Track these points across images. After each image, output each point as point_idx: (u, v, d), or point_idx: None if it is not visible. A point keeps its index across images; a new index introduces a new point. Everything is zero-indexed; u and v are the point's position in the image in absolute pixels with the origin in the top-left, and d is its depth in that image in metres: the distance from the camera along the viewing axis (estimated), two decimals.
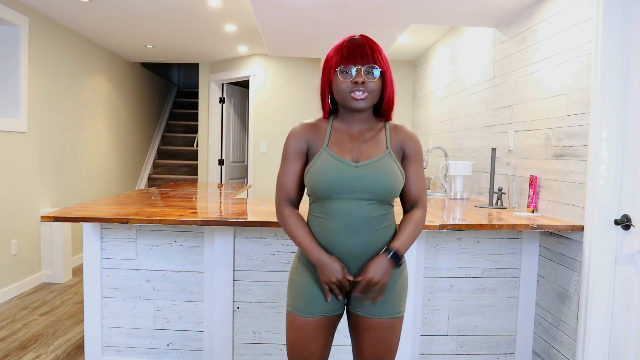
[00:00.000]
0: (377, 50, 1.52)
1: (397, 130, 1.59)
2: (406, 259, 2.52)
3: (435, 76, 4.73)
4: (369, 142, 1.55)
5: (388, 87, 1.54)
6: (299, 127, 1.60)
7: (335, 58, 1.52)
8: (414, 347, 2.60)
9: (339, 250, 1.52)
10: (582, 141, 2.31)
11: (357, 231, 1.50)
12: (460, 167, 3.46)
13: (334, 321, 1.60)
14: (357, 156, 1.53)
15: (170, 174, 7.57)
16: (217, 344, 2.55)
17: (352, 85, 1.48)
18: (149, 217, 2.24)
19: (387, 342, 1.55)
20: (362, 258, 1.52)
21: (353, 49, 1.50)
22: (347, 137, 1.56)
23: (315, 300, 1.55)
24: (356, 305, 1.57)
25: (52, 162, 4.51)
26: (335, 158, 1.52)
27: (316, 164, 1.52)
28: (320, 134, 1.57)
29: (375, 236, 1.52)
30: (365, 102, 1.50)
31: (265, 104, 5.85)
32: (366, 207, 1.50)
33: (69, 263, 4.44)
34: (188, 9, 4.06)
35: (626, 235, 2.13)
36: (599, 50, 2.17)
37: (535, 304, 2.66)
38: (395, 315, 1.56)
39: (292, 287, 1.60)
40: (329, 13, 3.27)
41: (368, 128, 1.58)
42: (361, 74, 1.48)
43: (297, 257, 1.63)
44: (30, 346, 2.96)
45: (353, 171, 1.50)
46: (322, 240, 1.54)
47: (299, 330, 1.56)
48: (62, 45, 4.64)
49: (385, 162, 1.52)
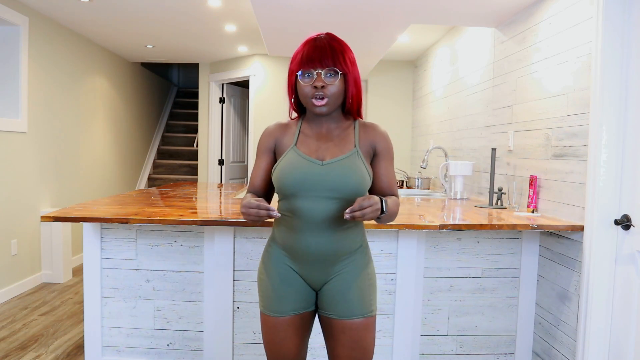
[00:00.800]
0: (339, 51, 1.50)
1: (366, 129, 1.60)
2: (405, 258, 2.53)
3: (435, 76, 4.72)
4: (337, 140, 1.56)
5: (350, 87, 1.53)
6: (271, 126, 1.66)
7: (296, 61, 1.53)
8: (414, 347, 2.60)
9: (304, 250, 1.53)
10: (582, 141, 2.31)
11: (322, 230, 1.50)
12: (460, 167, 3.46)
13: (307, 318, 1.61)
14: (323, 155, 1.54)
15: (170, 174, 7.57)
16: (217, 344, 2.55)
17: (312, 89, 1.49)
18: (149, 217, 2.24)
19: (363, 344, 1.54)
20: (327, 257, 1.53)
21: (312, 52, 1.49)
22: (315, 136, 1.57)
23: (284, 299, 1.56)
24: (326, 307, 1.56)
25: (52, 162, 4.51)
26: (302, 156, 1.53)
27: (282, 162, 1.54)
28: (289, 134, 1.60)
29: (341, 235, 1.53)
30: (326, 107, 1.51)
31: (265, 104, 5.85)
32: (332, 206, 1.50)
33: (69, 263, 4.44)
34: (188, 9, 4.06)
35: (626, 235, 2.13)
36: (599, 50, 2.17)
37: (535, 304, 2.66)
38: (367, 315, 1.55)
39: (261, 288, 1.62)
40: (329, 13, 3.27)
41: (336, 127, 1.59)
42: (321, 78, 1.48)
43: (263, 257, 1.64)
44: (30, 346, 2.96)
45: (318, 169, 1.50)
46: (288, 238, 1.55)
47: (273, 329, 1.57)
48: (62, 45, 4.64)
49: (352, 161, 1.52)
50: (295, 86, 1.56)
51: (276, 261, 1.58)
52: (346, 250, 1.55)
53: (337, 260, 1.54)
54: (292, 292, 1.56)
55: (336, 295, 1.54)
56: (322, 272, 1.55)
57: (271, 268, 1.59)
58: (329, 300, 1.55)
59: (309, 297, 1.59)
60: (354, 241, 1.57)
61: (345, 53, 1.52)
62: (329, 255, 1.53)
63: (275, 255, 1.59)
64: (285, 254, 1.57)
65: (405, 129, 5.71)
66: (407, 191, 4.17)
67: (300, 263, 1.55)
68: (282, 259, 1.58)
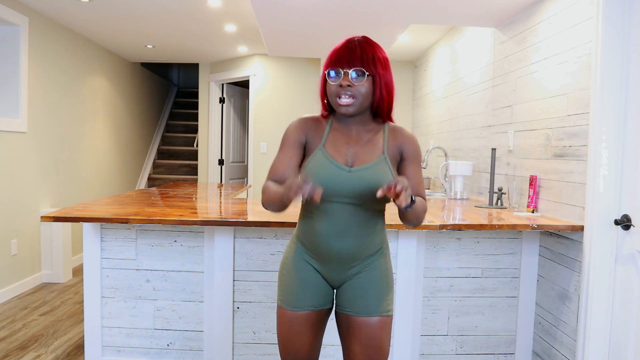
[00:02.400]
0: (370, 52, 1.50)
1: (395, 133, 1.59)
2: (405, 258, 2.53)
3: (435, 76, 4.72)
4: (366, 145, 1.55)
5: (378, 90, 1.51)
6: (300, 119, 1.61)
7: (327, 61, 1.53)
8: (414, 347, 2.60)
9: (326, 251, 1.54)
10: (582, 141, 2.31)
11: (344, 234, 1.51)
12: (460, 167, 3.46)
13: (323, 315, 1.62)
14: (351, 160, 1.53)
15: (170, 174, 7.57)
16: (217, 344, 2.55)
17: (339, 88, 1.48)
18: (149, 217, 2.24)
19: (379, 342, 1.55)
20: (349, 259, 1.54)
21: (343, 52, 1.49)
22: (344, 138, 1.56)
23: (304, 295, 1.58)
24: (345, 304, 1.58)
25: (52, 162, 4.51)
26: (330, 160, 1.52)
27: (310, 164, 1.53)
28: (319, 131, 1.58)
29: (363, 241, 1.54)
30: (352, 107, 1.49)
31: (265, 104, 5.85)
32: (356, 212, 1.50)
33: (69, 263, 4.44)
34: (188, 9, 4.06)
35: (626, 235, 2.13)
36: (599, 50, 2.17)
37: (535, 304, 2.66)
38: (384, 314, 1.56)
39: (282, 282, 1.63)
40: (329, 13, 3.27)
41: (366, 130, 1.57)
42: (348, 78, 1.47)
43: (286, 253, 1.65)
44: (30, 346, 2.96)
45: (345, 175, 1.50)
46: (312, 238, 1.56)
47: (289, 324, 1.59)
48: (62, 45, 4.63)
49: (379, 168, 1.51)
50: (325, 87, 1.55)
51: (298, 257, 1.60)
52: (367, 252, 1.56)
53: (357, 262, 1.56)
54: (311, 288, 1.58)
55: (355, 293, 1.56)
56: (342, 272, 1.57)
57: (293, 264, 1.61)
58: (348, 297, 1.57)
59: (327, 294, 1.61)
60: (375, 244, 1.58)
61: (376, 56, 1.51)
62: (351, 257, 1.54)
63: (297, 252, 1.61)
64: (307, 252, 1.59)
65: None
66: None
67: (322, 262, 1.57)
68: (303, 255, 1.60)
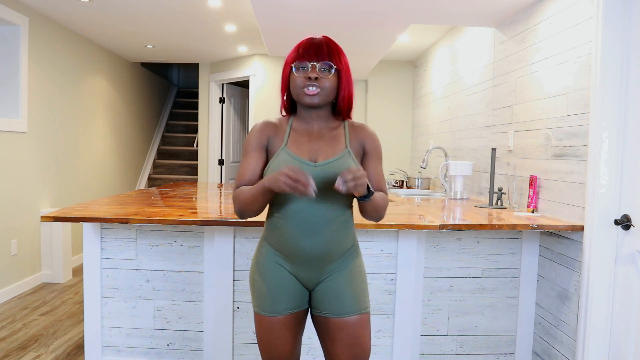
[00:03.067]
0: (335, 50, 1.53)
1: (356, 129, 1.60)
2: (405, 258, 2.53)
3: (435, 76, 4.73)
4: (328, 141, 1.56)
5: (344, 85, 1.54)
6: (260, 123, 1.61)
7: (292, 55, 1.54)
8: (414, 347, 2.60)
9: (297, 251, 1.52)
10: (582, 141, 2.31)
11: (315, 232, 1.50)
12: (460, 167, 3.46)
13: (301, 316, 1.61)
14: (315, 156, 1.53)
15: (170, 174, 7.57)
16: (217, 344, 2.55)
17: (305, 80, 1.49)
18: (149, 217, 2.24)
19: (360, 340, 1.55)
20: (320, 259, 1.53)
21: (310, 46, 1.51)
22: (306, 136, 1.56)
23: (279, 299, 1.56)
24: (321, 306, 1.56)
25: (52, 162, 4.51)
26: (294, 157, 1.52)
27: (274, 164, 1.53)
28: (280, 133, 1.58)
29: (334, 237, 1.53)
30: (318, 97, 1.50)
31: (265, 104, 5.85)
32: (324, 208, 1.50)
33: (69, 263, 4.44)
34: (188, 9, 4.06)
35: (626, 235, 2.13)
36: (599, 50, 2.17)
37: (535, 304, 2.66)
38: (363, 311, 1.56)
39: (254, 288, 1.61)
40: (329, 13, 3.27)
41: (327, 127, 1.58)
42: (315, 70, 1.49)
43: (255, 258, 1.63)
44: (30, 346, 2.96)
45: (311, 171, 1.49)
46: (281, 240, 1.54)
47: (268, 329, 1.57)
48: (62, 45, 4.64)
49: (344, 162, 1.52)
50: (288, 81, 1.56)
51: (269, 261, 1.58)
52: (339, 250, 1.55)
53: (330, 260, 1.55)
54: (285, 292, 1.56)
55: (330, 294, 1.55)
56: (315, 272, 1.55)
57: (264, 268, 1.58)
58: (323, 299, 1.56)
59: (302, 295, 1.59)
60: (346, 241, 1.57)
61: (341, 53, 1.55)
62: (323, 256, 1.53)
63: (267, 255, 1.58)
64: (278, 253, 1.57)
65: (405, 129, 5.71)
66: (407, 191, 4.17)
67: (293, 263, 1.55)
68: (274, 258, 1.57)
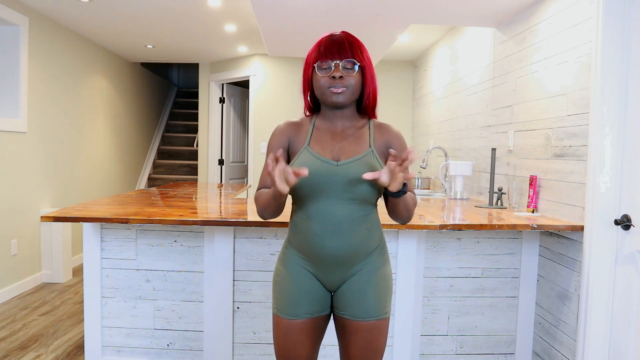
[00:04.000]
0: (357, 45, 1.50)
1: (381, 129, 1.58)
2: (405, 258, 2.53)
3: (435, 76, 4.73)
4: (351, 140, 1.53)
5: (368, 82, 1.52)
6: (282, 125, 1.60)
7: (313, 54, 1.51)
8: (414, 347, 2.60)
9: (321, 252, 1.50)
10: (582, 141, 2.31)
11: (338, 232, 1.47)
12: (460, 167, 3.46)
13: (320, 322, 1.58)
14: (338, 154, 1.51)
15: (170, 174, 7.57)
16: (217, 344, 2.55)
17: (330, 80, 1.46)
18: (149, 217, 2.24)
19: (374, 345, 1.53)
20: (344, 260, 1.50)
21: (331, 44, 1.48)
22: (329, 135, 1.54)
23: (300, 302, 1.53)
24: (342, 307, 1.55)
25: (52, 162, 4.51)
26: (316, 157, 1.49)
27: (297, 163, 1.50)
28: (302, 133, 1.56)
29: (358, 237, 1.49)
30: (343, 96, 1.48)
31: (265, 104, 5.85)
32: (347, 207, 1.47)
33: (69, 263, 4.44)
34: (188, 9, 4.06)
35: (626, 235, 2.13)
36: (599, 50, 2.17)
37: (535, 304, 2.66)
38: (381, 317, 1.53)
39: (276, 290, 1.59)
40: (329, 13, 3.27)
41: (351, 126, 1.56)
42: (339, 69, 1.46)
43: (279, 259, 1.61)
44: (30, 346, 2.96)
45: (333, 170, 1.47)
46: (304, 240, 1.52)
47: (286, 332, 1.54)
48: (62, 45, 4.63)
49: (367, 161, 1.49)
50: (311, 81, 1.53)
51: (293, 263, 1.55)
52: (364, 251, 1.51)
53: (354, 262, 1.51)
54: (306, 295, 1.53)
55: (353, 296, 1.52)
56: (339, 274, 1.52)
57: (287, 270, 1.56)
58: (345, 300, 1.53)
59: (324, 299, 1.56)
60: (372, 241, 1.53)
61: (363, 48, 1.52)
62: (347, 257, 1.50)
63: (291, 258, 1.56)
64: (301, 256, 1.54)
65: (405, 129, 5.71)
66: None
67: (317, 265, 1.52)
68: (298, 261, 1.55)
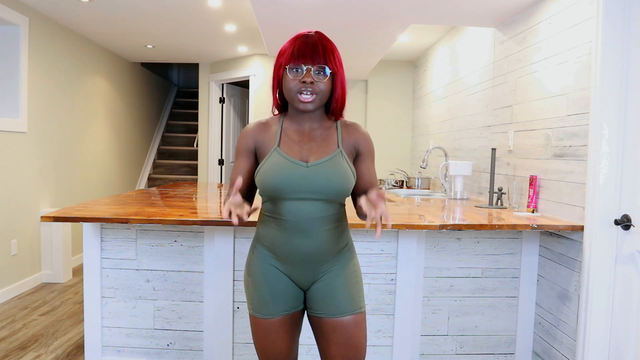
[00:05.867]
0: (330, 49, 1.50)
1: (349, 129, 1.59)
2: (405, 258, 2.53)
3: (435, 76, 4.73)
4: (319, 141, 1.55)
5: (338, 87, 1.52)
6: (250, 126, 1.61)
7: (285, 55, 1.50)
8: (414, 347, 2.60)
9: (291, 251, 1.52)
10: (582, 141, 2.31)
11: (308, 231, 1.50)
12: (460, 167, 3.46)
13: (297, 316, 1.60)
14: (307, 156, 1.52)
15: (170, 174, 7.57)
16: (217, 344, 2.55)
17: (300, 84, 1.47)
18: (149, 217, 2.24)
19: (355, 340, 1.54)
20: (314, 259, 1.52)
21: (304, 47, 1.47)
22: (298, 136, 1.55)
23: (275, 301, 1.55)
24: (316, 307, 1.56)
25: (52, 162, 4.51)
26: (286, 158, 1.51)
27: (266, 164, 1.51)
28: (271, 134, 1.57)
29: (327, 236, 1.52)
30: (312, 104, 1.49)
31: (265, 104, 5.84)
32: (317, 207, 1.49)
33: (69, 263, 4.44)
34: (188, 9, 4.06)
35: (626, 235, 2.13)
36: (599, 50, 2.17)
37: (535, 304, 2.66)
38: (357, 312, 1.55)
39: (249, 290, 1.60)
40: (329, 13, 3.27)
41: (319, 127, 1.57)
42: (310, 74, 1.46)
43: (249, 259, 1.62)
44: (30, 346, 2.96)
45: (304, 171, 1.49)
46: (274, 239, 1.53)
47: (264, 331, 1.56)
48: (62, 45, 4.63)
49: (336, 162, 1.51)
50: (281, 80, 1.53)
51: (262, 262, 1.57)
52: (333, 249, 1.54)
53: (324, 261, 1.54)
54: (280, 293, 1.55)
55: (325, 294, 1.54)
56: (309, 272, 1.54)
57: (258, 270, 1.57)
58: (318, 300, 1.55)
59: (297, 296, 1.58)
60: (340, 240, 1.56)
61: (335, 53, 1.52)
62: (316, 256, 1.52)
63: (261, 257, 1.57)
64: (271, 254, 1.56)
65: (405, 129, 5.71)
66: (407, 191, 4.16)
67: (287, 264, 1.54)
68: (268, 260, 1.56)
